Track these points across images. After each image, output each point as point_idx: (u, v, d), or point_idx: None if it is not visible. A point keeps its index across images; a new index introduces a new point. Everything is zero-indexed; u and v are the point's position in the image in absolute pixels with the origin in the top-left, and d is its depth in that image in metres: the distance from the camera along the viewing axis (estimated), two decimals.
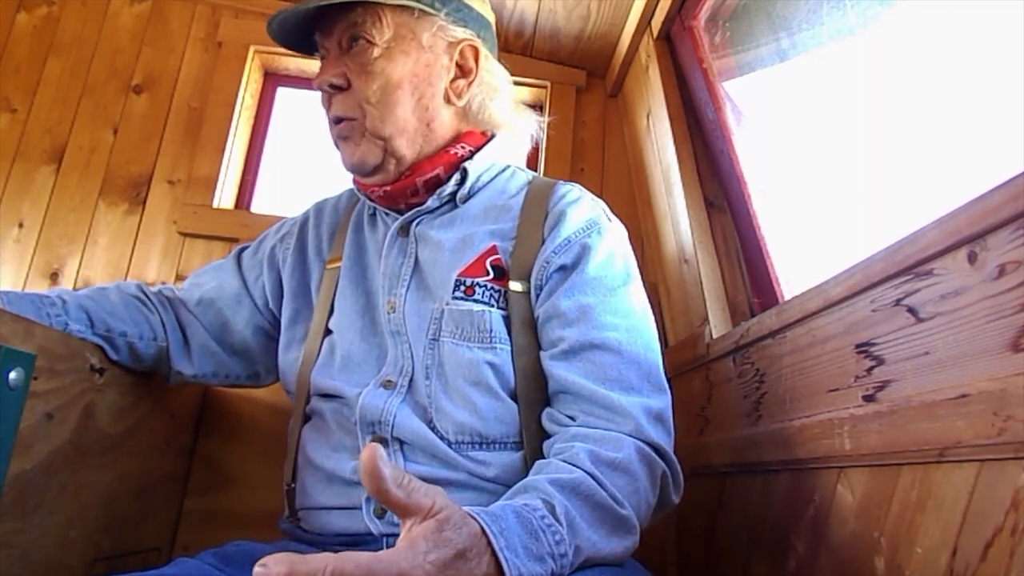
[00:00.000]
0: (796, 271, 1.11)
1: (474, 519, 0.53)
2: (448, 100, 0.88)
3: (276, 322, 0.96)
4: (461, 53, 0.88)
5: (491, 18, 0.94)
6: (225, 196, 1.57)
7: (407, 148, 0.85)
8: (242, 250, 1.03)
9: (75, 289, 0.92)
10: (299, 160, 1.76)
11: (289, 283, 0.95)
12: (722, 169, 1.28)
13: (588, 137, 1.67)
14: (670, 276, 1.36)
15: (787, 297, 1.03)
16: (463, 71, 0.89)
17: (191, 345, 0.94)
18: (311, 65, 1.69)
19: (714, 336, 1.13)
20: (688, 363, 1.18)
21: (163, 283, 1.46)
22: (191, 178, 1.54)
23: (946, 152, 0.84)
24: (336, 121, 0.85)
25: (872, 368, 0.70)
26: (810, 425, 0.79)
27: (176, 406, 1.08)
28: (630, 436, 0.71)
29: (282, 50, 1.64)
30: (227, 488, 1.17)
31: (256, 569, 0.43)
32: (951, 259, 0.61)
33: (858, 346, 0.73)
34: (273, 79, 1.73)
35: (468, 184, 0.87)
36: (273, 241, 1.00)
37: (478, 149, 0.89)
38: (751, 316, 1.13)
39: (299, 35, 0.88)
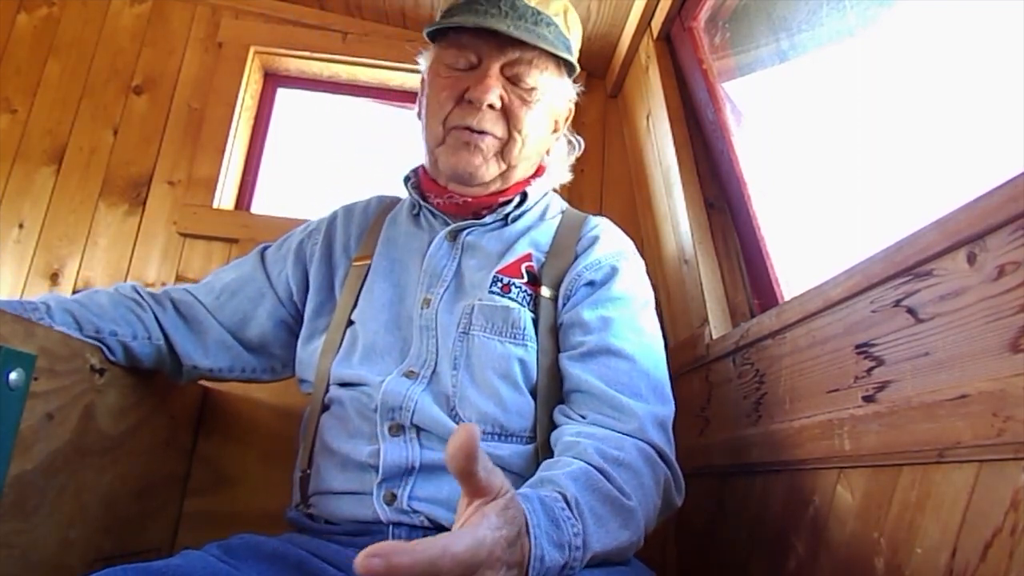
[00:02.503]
0: (796, 271, 1.11)
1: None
2: (547, 150, 1.00)
3: (298, 315, 0.99)
4: (562, 114, 1.00)
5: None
6: (225, 197, 1.57)
7: (516, 177, 0.95)
8: (265, 248, 1.06)
9: (75, 290, 0.92)
10: (299, 161, 1.76)
11: (315, 278, 0.98)
12: (722, 170, 1.28)
13: (588, 138, 1.65)
14: (670, 276, 1.36)
15: (787, 298, 1.03)
16: (556, 127, 1.01)
17: (205, 339, 0.95)
18: (311, 66, 1.70)
19: (714, 337, 1.13)
20: (688, 363, 1.18)
21: (163, 284, 1.47)
22: (191, 179, 1.54)
23: (946, 152, 0.84)
24: (477, 131, 0.89)
25: (872, 369, 0.71)
26: (810, 426, 0.79)
27: (176, 406, 1.08)
28: (632, 436, 0.75)
29: (282, 50, 1.66)
30: (227, 488, 1.17)
31: (367, 560, 0.40)
32: (950, 260, 0.61)
33: (858, 347, 0.73)
34: (273, 79, 1.73)
35: (524, 206, 0.96)
36: (301, 236, 1.04)
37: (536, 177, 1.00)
38: (751, 317, 1.13)
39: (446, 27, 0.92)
